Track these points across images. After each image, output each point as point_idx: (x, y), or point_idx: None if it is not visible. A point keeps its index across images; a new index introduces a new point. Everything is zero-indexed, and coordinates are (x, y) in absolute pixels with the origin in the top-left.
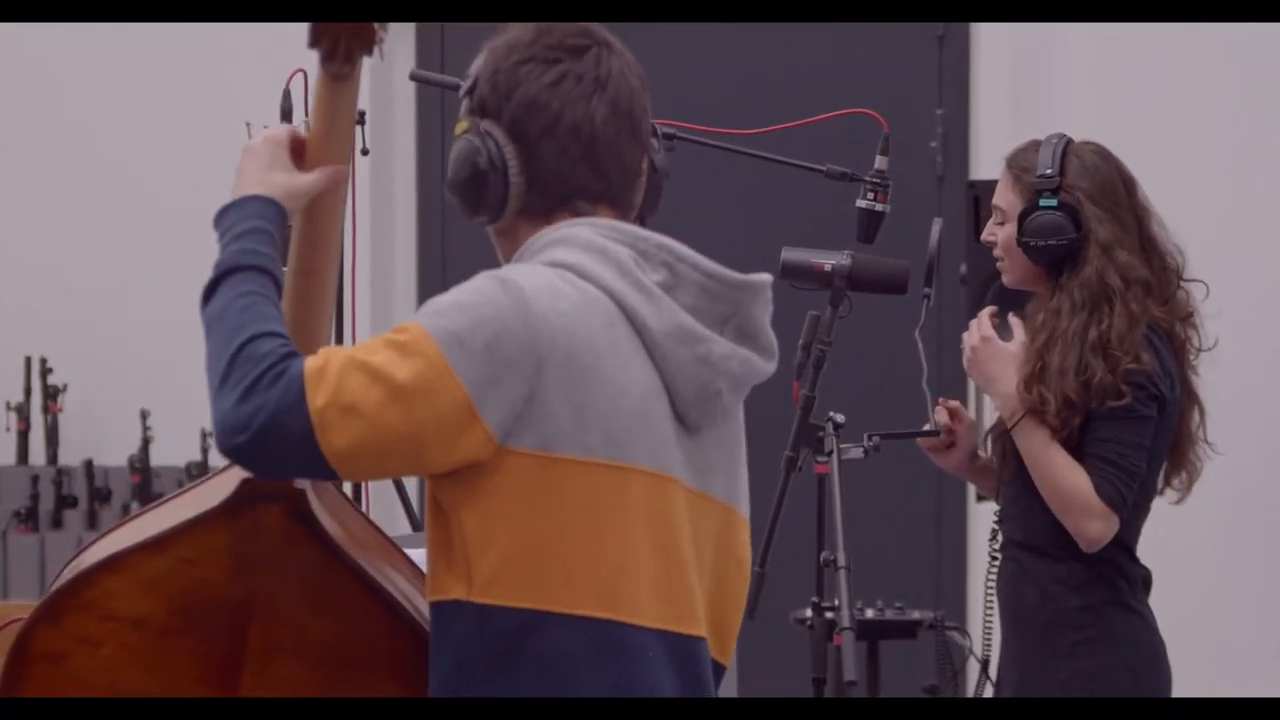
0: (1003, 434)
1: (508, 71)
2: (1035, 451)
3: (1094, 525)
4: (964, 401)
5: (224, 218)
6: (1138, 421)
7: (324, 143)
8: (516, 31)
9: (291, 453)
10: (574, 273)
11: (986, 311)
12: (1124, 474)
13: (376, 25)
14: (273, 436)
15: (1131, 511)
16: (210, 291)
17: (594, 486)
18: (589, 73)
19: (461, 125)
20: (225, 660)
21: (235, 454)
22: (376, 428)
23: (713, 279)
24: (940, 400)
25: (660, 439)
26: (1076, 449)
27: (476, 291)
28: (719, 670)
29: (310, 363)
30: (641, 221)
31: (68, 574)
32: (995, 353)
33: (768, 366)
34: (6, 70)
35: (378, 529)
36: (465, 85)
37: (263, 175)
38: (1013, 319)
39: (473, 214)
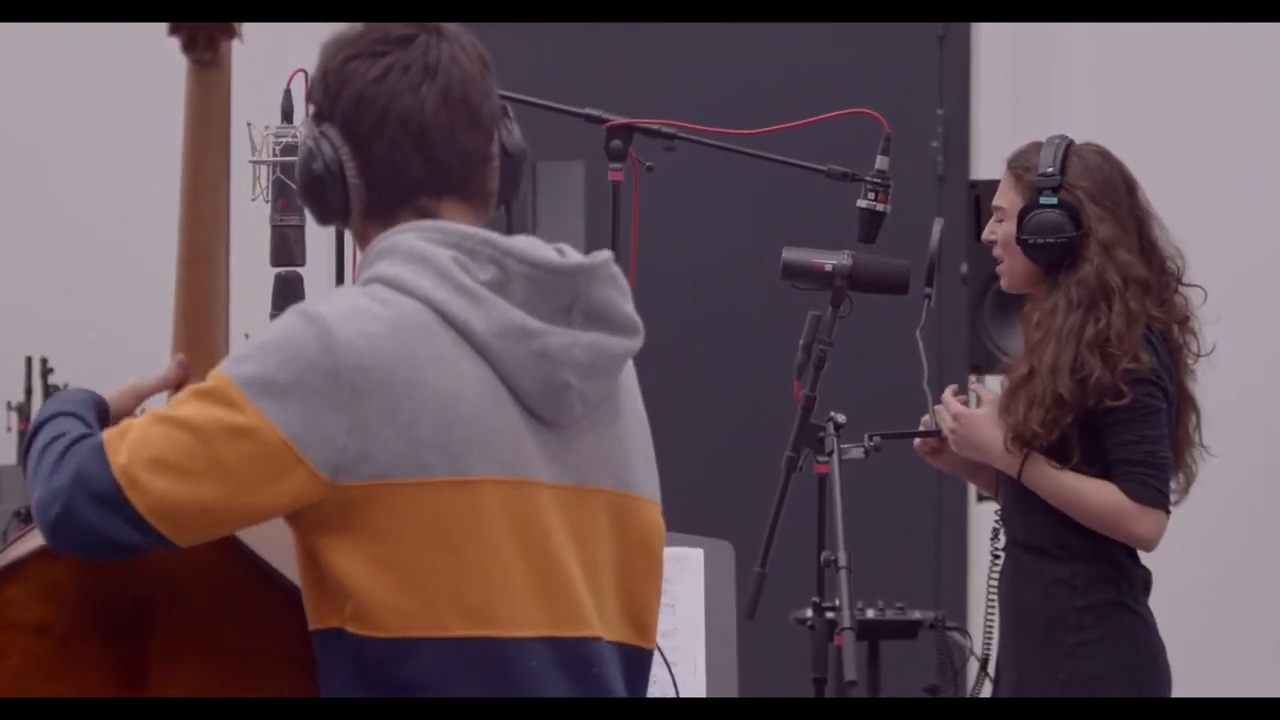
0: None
1: (336, 70)
2: (1052, 487)
3: (1139, 525)
4: (964, 401)
5: (44, 407)
6: (1152, 415)
7: (197, 136)
8: (346, 29)
9: (106, 518)
10: (390, 287)
11: (948, 391)
12: (1153, 469)
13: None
14: (81, 502)
15: None
16: (27, 449)
17: (441, 507)
18: (416, 62)
19: (305, 130)
20: (130, 662)
21: (52, 532)
22: (186, 477)
23: (540, 269)
24: (940, 399)
25: (508, 443)
26: (1069, 450)
27: (280, 330)
28: (645, 657)
29: (111, 430)
30: (507, 206)
31: None
32: (973, 423)
33: (626, 344)
34: (6, 70)
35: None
36: (306, 89)
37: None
38: (974, 384)
39: (321, 220)
